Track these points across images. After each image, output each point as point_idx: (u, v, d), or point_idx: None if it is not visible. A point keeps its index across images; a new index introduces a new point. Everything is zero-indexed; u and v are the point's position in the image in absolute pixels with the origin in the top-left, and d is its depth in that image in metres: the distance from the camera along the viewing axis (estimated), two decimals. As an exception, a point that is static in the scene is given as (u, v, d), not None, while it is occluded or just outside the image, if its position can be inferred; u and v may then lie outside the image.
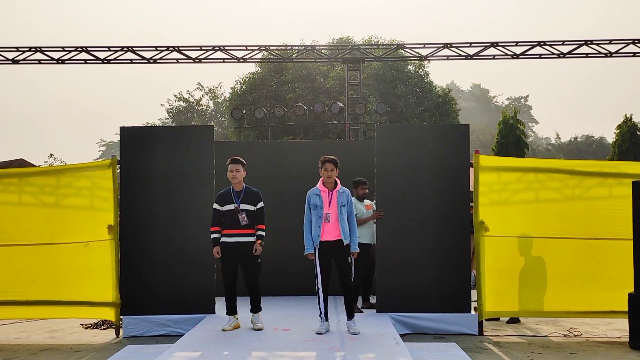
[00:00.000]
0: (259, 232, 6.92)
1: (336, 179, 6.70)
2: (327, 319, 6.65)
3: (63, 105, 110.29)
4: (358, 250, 6.73)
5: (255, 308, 6.94)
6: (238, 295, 6.98)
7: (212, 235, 6.90)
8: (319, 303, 6.63)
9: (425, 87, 29.41)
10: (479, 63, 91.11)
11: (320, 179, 6.75)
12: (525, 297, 7.63)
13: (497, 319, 8.50)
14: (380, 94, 27.65)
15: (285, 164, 9.72)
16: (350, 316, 6.67)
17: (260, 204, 6.96)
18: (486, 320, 7.81)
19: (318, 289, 6.64)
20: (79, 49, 16.14)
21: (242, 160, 7.02)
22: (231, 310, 6.95)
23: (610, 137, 36.85)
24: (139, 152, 7.91)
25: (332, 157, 6.71)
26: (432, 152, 7.81)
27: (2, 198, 7.95)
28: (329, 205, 6.62)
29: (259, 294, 6.96)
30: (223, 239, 6.87)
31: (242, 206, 6.85)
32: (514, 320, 8.43)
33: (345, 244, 6.60)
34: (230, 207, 6.86)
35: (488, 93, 77.54)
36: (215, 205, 6.94)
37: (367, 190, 8.40)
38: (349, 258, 6.65)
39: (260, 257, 6.92)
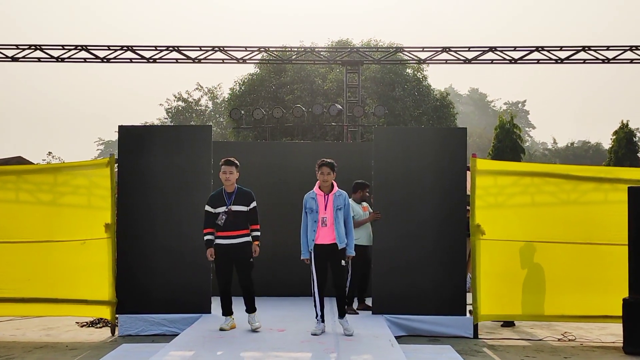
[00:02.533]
0: (255, 233, 6.91)
1: (333, 182, 6.71)
2: (322, 321, 6.67)
3: (62, 103, 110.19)
4: (354, 254, 6.74)
5: (250, 308, 6.93)
6: (233, 295, 6.98)
7: (205, 237, 6.87)
8: (315, 305, 6.65)
9: (423, 91, 29.42)
10: (478, 67, 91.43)
11: (317, 182, 6.76)
12: (521, 300, 7.64)
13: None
14: (379, 96, 27.67)
15: (283, 165, 9.70)
16: (341, 315, 6.69)
17: (253, 204, 6.94)
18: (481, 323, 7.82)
19: (314, 291, 6.66)
20: (79, 48, 16.12)
21: (236, 162, 7.00)
22: (227, 312, 6.96)
23: (607, 143, 36.95)
24: (137, 151, 7.91)
25: (329, 160, 6.70)
26: (429, 155, 7.82)
27: (-1, 195, 7.94)
28: (325, 209, 6.61)
29: (253, 293, 6.94)
30: (217, 241, 6.86)
31: (234, 207, 6.82)
32: (508, 324, 8.46)
33: (340, 248, 6.61)
34: (222, 209, 6.85)
35: (486, 97, 77.55)
36: (207, 208, 6.91)
37: (368, 193, 8.41)
38: (343, 262, 6.66)
39: (252, 257, 6.91)
